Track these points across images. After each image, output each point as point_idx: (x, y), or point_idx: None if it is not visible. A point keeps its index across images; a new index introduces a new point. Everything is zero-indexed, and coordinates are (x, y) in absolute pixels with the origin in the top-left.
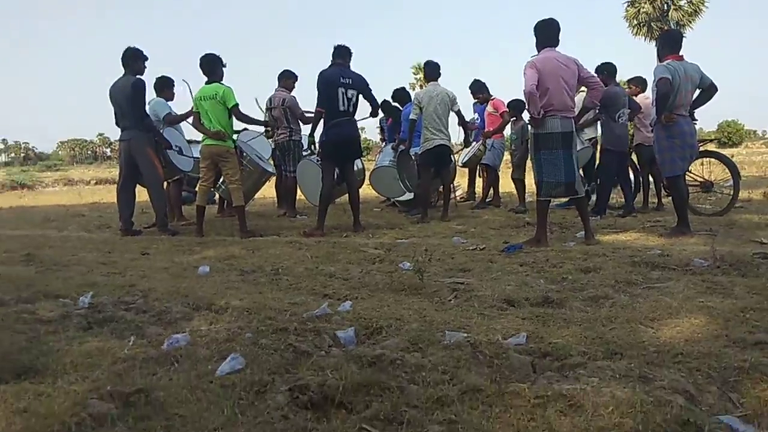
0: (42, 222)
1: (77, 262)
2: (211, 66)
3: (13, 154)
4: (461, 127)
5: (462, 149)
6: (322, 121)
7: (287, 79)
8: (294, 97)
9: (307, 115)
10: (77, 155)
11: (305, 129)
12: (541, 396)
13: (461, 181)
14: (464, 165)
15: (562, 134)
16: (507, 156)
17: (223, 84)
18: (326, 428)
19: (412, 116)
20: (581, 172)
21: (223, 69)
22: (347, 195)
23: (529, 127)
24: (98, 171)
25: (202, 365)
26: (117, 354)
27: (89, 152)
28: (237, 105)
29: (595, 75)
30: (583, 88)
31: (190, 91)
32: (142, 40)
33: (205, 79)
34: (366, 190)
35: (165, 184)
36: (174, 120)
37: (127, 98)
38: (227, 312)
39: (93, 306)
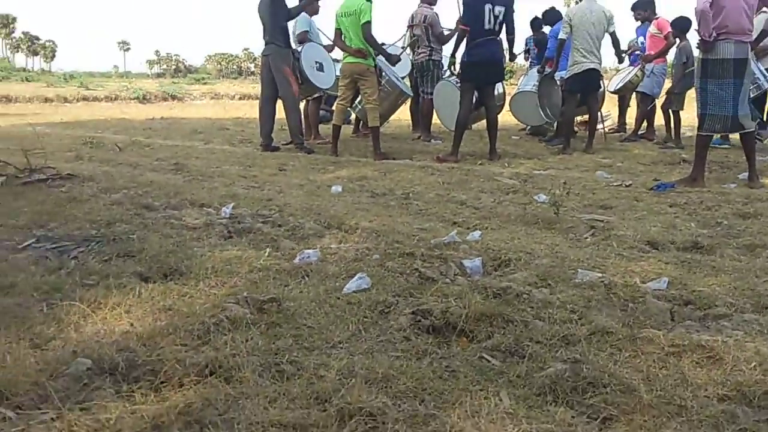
0: (190, 133)
1: (221, 174)
2: None
3: (165, 66)
4: (615, 51)
5: (616, 74)
6: (464, 39)
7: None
8: (436, 14)
9: (447, 33)
10: (223, 69)
11: (446, 49)
12: (677, 345)
13: (611, 109)
14: (616, 92)
15: (735, 61)
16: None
17: None
18: (446, 353)
19: (561, 35)
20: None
21: None
22: (485, 120)
23: (697, 51)
24: (242, 86)
25: (331, 281)
26: (253, 263)
27: (235, 67)
28: (369, 22)
29: None
30: (764, 8)
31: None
32: None
33: None
34: (505, 116)
35: (304, 101)
36: (303, 38)
37: (267, 11)
38: (356, 232)
39: (234, 216)
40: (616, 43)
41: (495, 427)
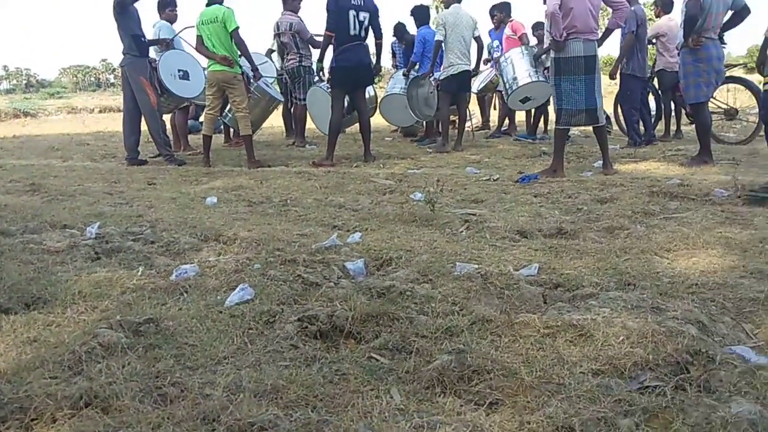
0: (46, 151)
1: (83, 192)
2: None
3: (14, 81)
4: (478, 55)
5: (476, 76)
6: (331, 45)
7: (293, 0)
8: (302, 20)
9: (317, 38)
10: (80, 82)
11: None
12: (551, 326)
13: (474, 109)
14: (478, 92)
15: (585, 58)
16: None
17: (224, 6)
18: (335, 357)
19: (438, 37)
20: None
21: None
22: (358, 124)
23: (551, 51)
24: (102, 98)
25: (211, 296)
26: (126, 284)
27: (92, 79)
28: (238, 28)
29: None
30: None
31: None
32: None
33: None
34: (377, 119)
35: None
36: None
37: (114, 19)
38: (235, 243)
39: (100, 236)
40: (480, 47)
41: (388, 425)
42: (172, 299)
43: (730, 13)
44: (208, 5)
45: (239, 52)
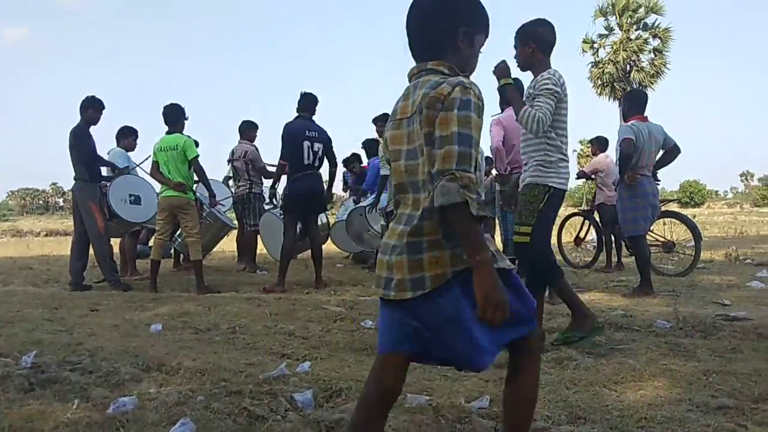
0: None
1: (22, 318)
2: (174, 116)
3: None
4: None
5: None
6: (284, 174)
7: (249, 130)
8: (256, 149)
9: (270, 168)
10: (28, 205)
11: (267, 181)
12: None
13: None
14: None
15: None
16: None
17: (183, 135)
18: None
19: (385, 171)
20: None
21: (185, 121)
22: (310, 250)
23: (496, 185)
24: (49, 222)
25: (150, 431)
26: (59, 418)
27: (41, 202)
28: (197, 156)
29: None
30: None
31: None
32: (110, 84)
33: (166, 129)
34: (329, 245)
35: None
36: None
37: (70, 146)
38: (179, 373)
39: (36, 366)
40: None
41: None
42: None
43: (661, 152)
44: (168, 133)
45: (196, 179)
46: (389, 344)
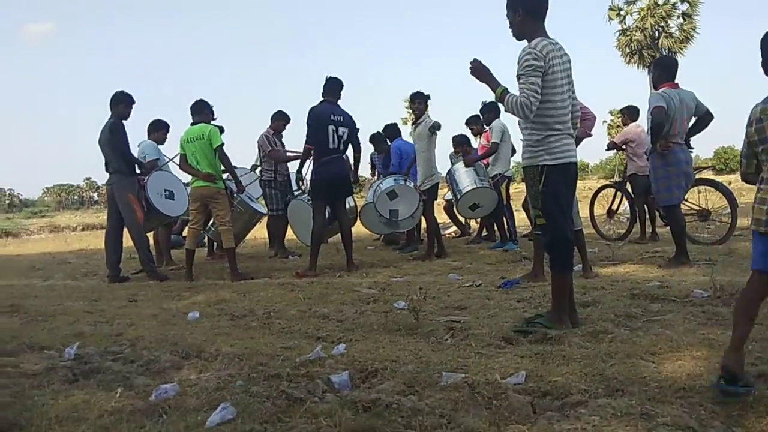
0: (27, 271)
1: (63, 311)
2: (198, 107)
3: None
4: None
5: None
6: (311, 158)
7: (277, 120)
8: (266, 135)
9: (290, 154)
10: (63, 201)
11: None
12: None
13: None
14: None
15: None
16: None
17: (209, 124)
18: None
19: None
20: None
21: (212, 115)
22: (339, 234)
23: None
24: (85, 216)
25: (192, 416)
26: (104, 407)
27: (76, 197)
28: (222, 145)
29: (585, 105)
30: None
31: None
32: (141, 79)
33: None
34: (359, 228)
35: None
36: (152, 166)
37: (106, 141)
38: (217, 359)
39: (79, 357)
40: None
41: None
42: (151, 421)
43: (694, 119)
44: (193, 124)
45: (223, 168)
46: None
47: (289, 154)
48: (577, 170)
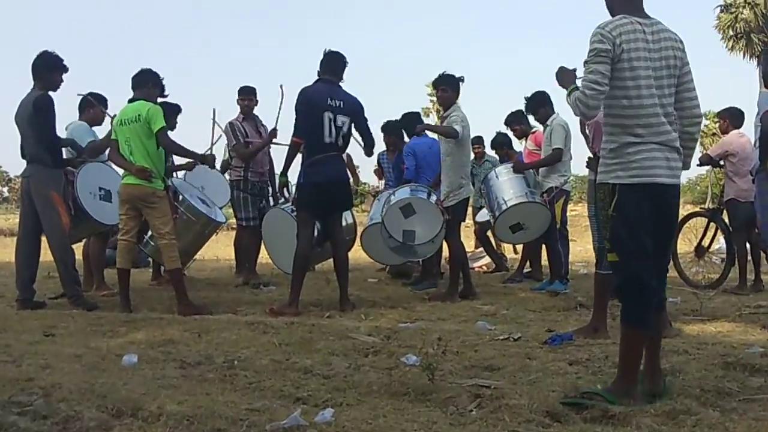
0: None
1: None
2: (141, 79)
3: None
4: None
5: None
6: (300, 155)
7: (240, 97)
8: (232, 123)
9: (250, 147)
10: None
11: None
12: None
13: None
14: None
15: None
16: None
17: (149, 101)
18: None
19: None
20: None
21: (156, 90)
22: (331, 259)
23: (587, 170)
24: None
25: None
26: None
27: None
28: (164, 128)
29: None
30: None
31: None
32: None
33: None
34: (358, 253)
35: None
36: (96, 148)
37: (28, 120)
38: (160, 420)
39: None
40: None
41: None
42: None
43: None
44: (130, 101)
45: (172, 162)
46: None
47: (254, 142)
48: (672, 194)
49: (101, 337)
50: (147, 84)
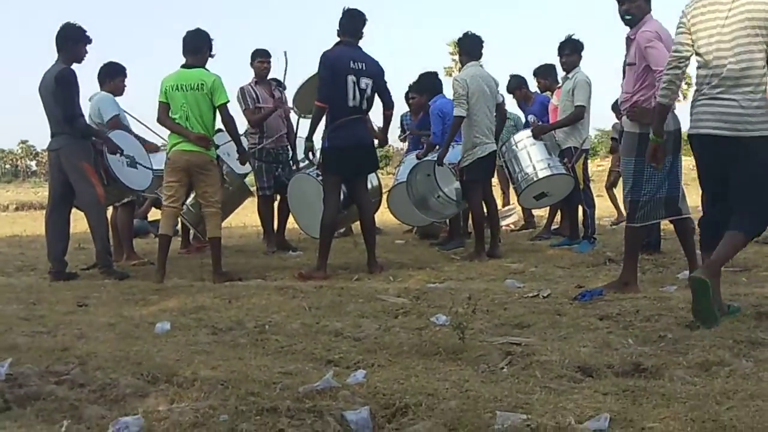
0: None
1: None
2: (195, 43)
3: None
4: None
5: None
6: (324, 120)
7: (257, 59)
8: (243, 88)
9: (261, 111)
10: None
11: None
12: None
13: (513, 201)
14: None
15: (675, 133)
16: None
17: (210, 72)
18: None
19: (459, 111)
20: None
21: (210, 55)
22: (358, 222)
23: (624, 123)
24: (19, 192)
25: None
26: None
27: (8, 166)
28: (227, 103)
29: None
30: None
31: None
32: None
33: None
34: (385, 215)
35: (111, 208)
36: (116, 125)
37: (52, 94)
38: (195, 385)
39: (12, 378)
40: (503, 117)
41: None
42: None
43: None
44: (186, 66)
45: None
46: None
47: (265, 107)
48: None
49: (134, 305)
50: (203, 49)
